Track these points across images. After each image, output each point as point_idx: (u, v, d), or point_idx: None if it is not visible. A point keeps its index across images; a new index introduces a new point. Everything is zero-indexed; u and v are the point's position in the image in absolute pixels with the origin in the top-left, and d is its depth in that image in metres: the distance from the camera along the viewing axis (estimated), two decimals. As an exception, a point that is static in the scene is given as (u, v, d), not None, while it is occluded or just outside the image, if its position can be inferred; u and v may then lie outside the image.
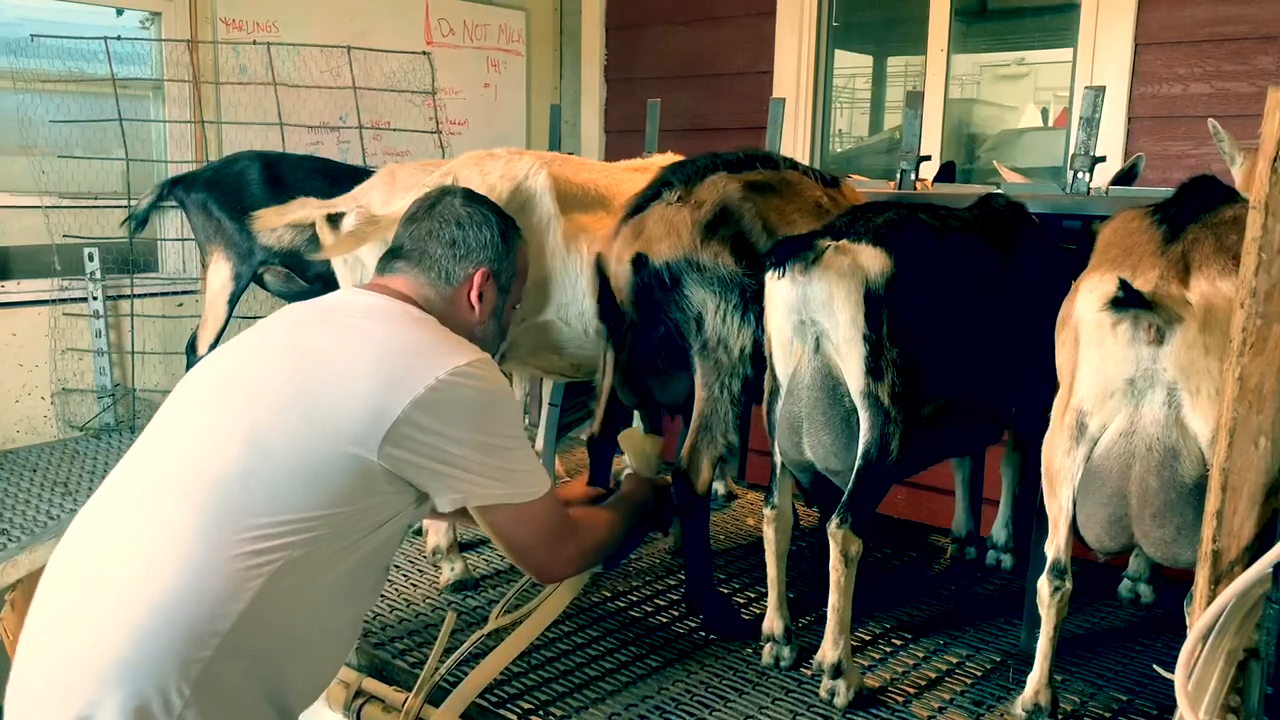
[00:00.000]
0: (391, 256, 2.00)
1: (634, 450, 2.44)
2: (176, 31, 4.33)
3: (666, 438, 2.78)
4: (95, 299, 4.11)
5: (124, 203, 4.08)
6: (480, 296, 1.98)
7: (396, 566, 2.84)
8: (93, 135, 4.15)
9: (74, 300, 4.10)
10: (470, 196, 2.06)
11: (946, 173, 3.53)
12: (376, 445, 1.65)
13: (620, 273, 2.38)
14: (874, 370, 2.01)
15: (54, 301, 4.07)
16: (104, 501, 1.72)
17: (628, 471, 2.46)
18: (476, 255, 1.97)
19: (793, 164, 2.58)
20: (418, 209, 2.04)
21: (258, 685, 1.61)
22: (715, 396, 2.35)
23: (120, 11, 4.29)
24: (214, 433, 1.68)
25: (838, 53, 5.17)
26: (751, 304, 2.28)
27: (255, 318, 3.75)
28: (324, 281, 3.20)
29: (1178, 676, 1.52)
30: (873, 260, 2.03)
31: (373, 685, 2.23)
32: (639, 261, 2.34)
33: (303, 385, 1.70)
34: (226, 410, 1.71)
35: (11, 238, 4.06)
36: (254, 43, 4.51)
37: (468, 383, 1.73)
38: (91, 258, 4.08)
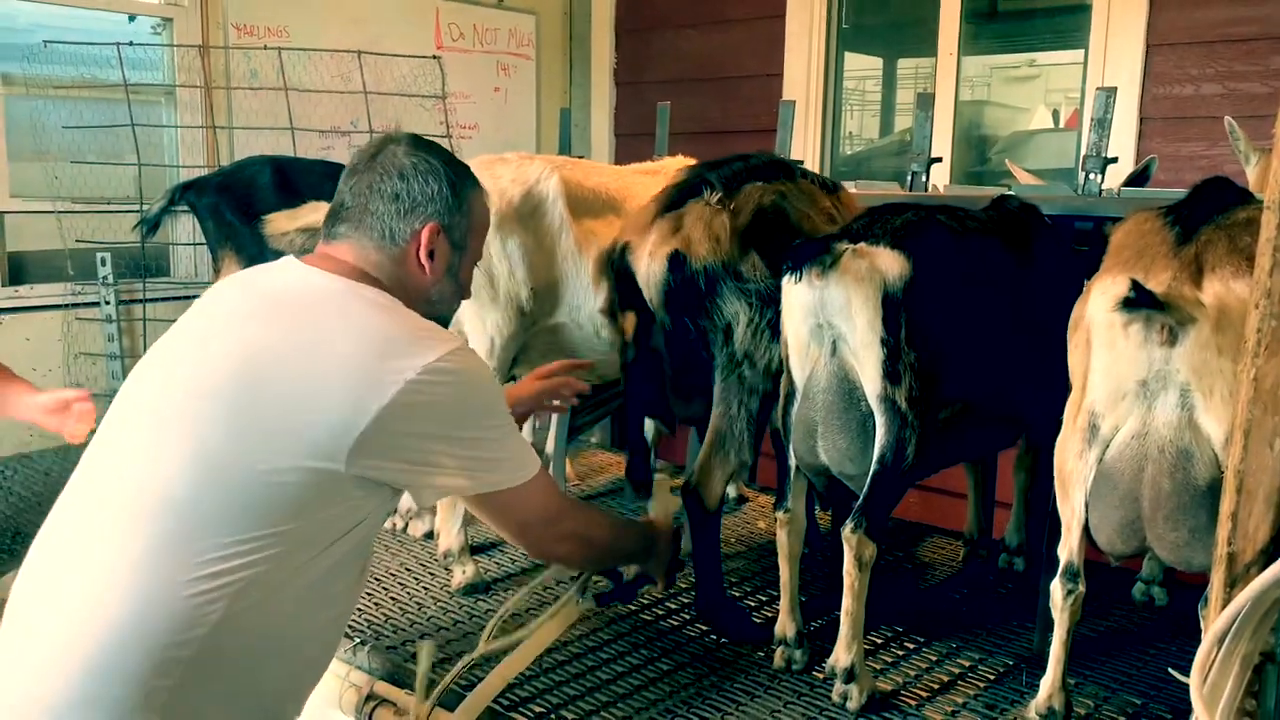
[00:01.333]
0: (334, 219, 1.78)
1: (659, 499, 2.38)
2: (188, 37, 4.34)
3: (675, 442, 2.76)
4: (108, 303, 4.11)
5: (136, 208, 4.08)
6: (431, 254, 1.77)
7: (408, 569, 2.85)
8: (105, 141, 4.15)
9: (87, 305, 4.10)
10: (416, 143, 1.81)
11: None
12: (344, 457, 1.54)
13: (654, 268, 2.31)
14: (891, 374, 2.00)
15: (67, 306, 4.07)
16: (53, 527, 1.62)
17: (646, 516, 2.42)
18: (423, 209, 1.75)
19: (803, 171, 2.57)
20: (359, 160, 1.80)
21: (238, 700, 1.56)
22: (733, 414, 2.32)
23: (132, 17, 4.30)
24: (161, 452, 1.57)
25: (848, 55, 5.15)
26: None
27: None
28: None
29: (1193, 680, 1.51)
30: (891, 263, 2.01)
31: (384, 689, 2.24)
32: (675, 260, 2.27)
33: (255, 397, 1.56)
34: (175, 425, 1.59)
35: (25, 243, 4.07)
36: (265, 48, 4.52)
37: (441, 380, 1.61)
38: (104, 262, 4.09)
